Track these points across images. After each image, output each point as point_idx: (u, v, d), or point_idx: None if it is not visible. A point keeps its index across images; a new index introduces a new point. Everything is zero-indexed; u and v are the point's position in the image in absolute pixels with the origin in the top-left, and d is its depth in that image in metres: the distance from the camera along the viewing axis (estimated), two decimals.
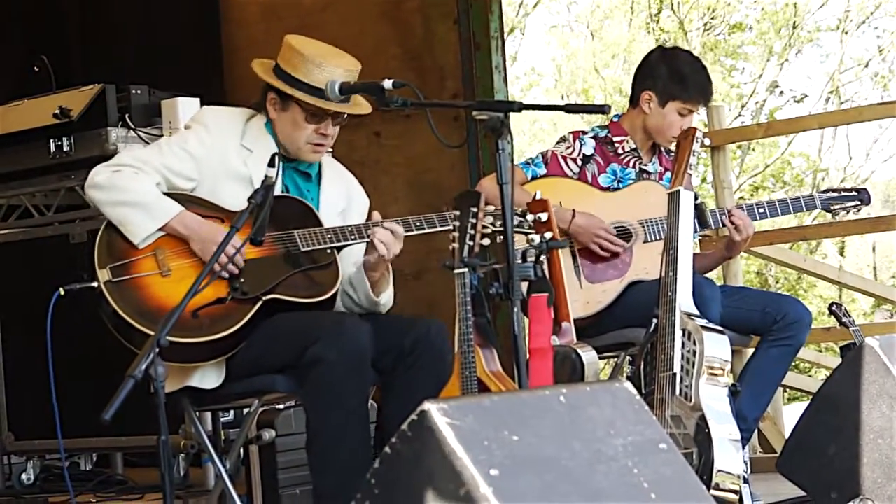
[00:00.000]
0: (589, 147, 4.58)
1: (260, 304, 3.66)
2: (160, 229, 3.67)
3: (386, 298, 3.87)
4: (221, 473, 3.78)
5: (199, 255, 3.67)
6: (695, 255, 4.83)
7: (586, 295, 4.41)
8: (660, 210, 4.35)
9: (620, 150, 4.60)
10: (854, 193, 4.63)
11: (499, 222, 3.53)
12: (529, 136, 20.29)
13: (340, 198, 3.98)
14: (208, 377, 3.66)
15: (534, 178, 4.51)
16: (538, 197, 3.70)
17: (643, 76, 4.59)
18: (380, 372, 3.71)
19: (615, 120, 4.65)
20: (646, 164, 4.61)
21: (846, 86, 20.40)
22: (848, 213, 4.62)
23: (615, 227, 4.47)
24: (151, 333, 3.12)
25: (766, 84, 20.42)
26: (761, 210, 4.53)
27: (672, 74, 4.51)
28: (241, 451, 4.31)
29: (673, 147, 4.41)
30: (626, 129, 4.62)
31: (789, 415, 6.83)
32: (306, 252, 3.74)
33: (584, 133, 4.63)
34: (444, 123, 5.65)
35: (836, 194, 4.62)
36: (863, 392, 3.77)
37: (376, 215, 3.79)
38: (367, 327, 3.61)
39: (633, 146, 4.60)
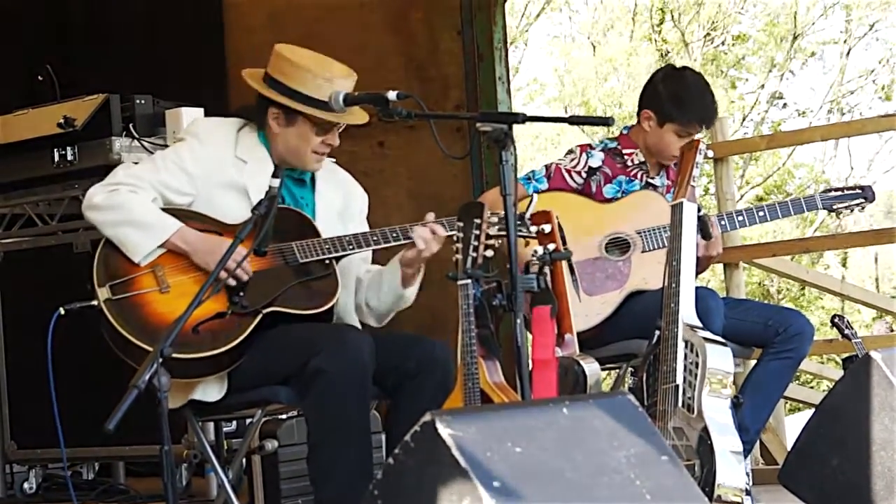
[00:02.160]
0: (597, 160, 4.57)
1: (260, 317, 3.66)
2: (160, 246, 3.68)
3: (411, 292, 3.89)
4: (224, 483, 3.78)
5: (200, 269, 3.66)
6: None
7: (585, 307, 4.38)
8: (657, 219, 4.35)
9: (629, 163, 4.59)
10: (857, 191, 4.52)
11: (498, 228, 3.54)
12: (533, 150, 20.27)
13: (337, 199, 3.97)
14: (210, 390, 3.67)
15: (535, 193, 4.50)
16: (534, 202, 3.69)
17: (646, 94, 4.57)
18: (383, 389, 3.72)
19: (625, 132, 4.65)
20: (653, 178, 4.60)
21: (848, 97, 20.43)
22: (852, 211, 4.50)
23: (613, 238, 4.47)
24: (150, 350, 3.12)
25: (768, 95, 20.44)
26: (761, 214, 4.48)
27: (672, 97, 4.47)
28: (244, 461, 4.30)
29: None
30: (634, 142, 4.62)
31: (791, 426, 6.82)
32: (305, 263, 3.75)
33: (593, 147, 4.62)
34: (447, 134, 5.64)
35: (838, 193, 4.51)
36: (866, 404, 3.77)
37: (430, 216, 3.78)
38: (369, 339, 3.62)
39: (642, 160, 4.59)
